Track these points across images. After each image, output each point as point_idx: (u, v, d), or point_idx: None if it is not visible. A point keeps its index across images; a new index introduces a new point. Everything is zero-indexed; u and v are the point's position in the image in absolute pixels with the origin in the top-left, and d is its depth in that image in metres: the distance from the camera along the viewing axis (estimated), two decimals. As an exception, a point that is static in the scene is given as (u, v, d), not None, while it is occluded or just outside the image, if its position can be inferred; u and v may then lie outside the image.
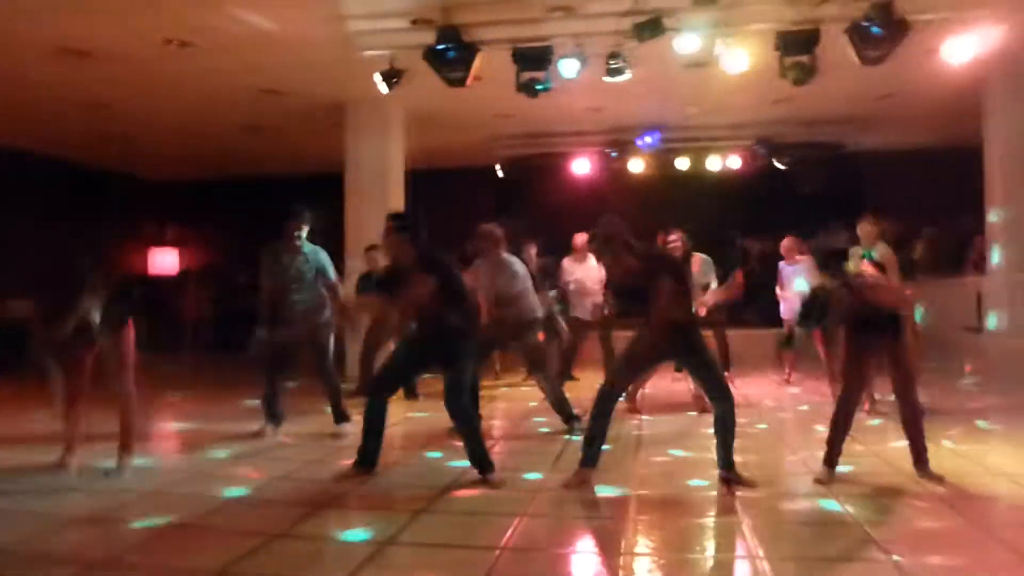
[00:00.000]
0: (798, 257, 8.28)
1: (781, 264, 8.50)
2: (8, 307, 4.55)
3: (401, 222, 4.76)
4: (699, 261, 8.54)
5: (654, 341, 4.40)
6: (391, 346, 6.64)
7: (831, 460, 4.46)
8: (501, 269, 6.05)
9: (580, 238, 8.23)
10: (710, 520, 3.85)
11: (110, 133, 11.31)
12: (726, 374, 8.72)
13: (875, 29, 6.36)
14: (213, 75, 8.70)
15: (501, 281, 6.00)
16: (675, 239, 7.19)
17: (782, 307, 8.54)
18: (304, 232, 6.03)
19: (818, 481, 4.37)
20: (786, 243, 8.39)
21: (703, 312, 7.20)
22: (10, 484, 4.48)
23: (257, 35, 7.39)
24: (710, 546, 3.50)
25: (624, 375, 4.63)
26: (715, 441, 4.39)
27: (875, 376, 5.50)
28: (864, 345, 4.48)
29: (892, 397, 4.56)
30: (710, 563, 3.30)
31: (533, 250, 8.55)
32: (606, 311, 8.23)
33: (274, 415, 6.02)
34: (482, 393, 6.35)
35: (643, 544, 3.49)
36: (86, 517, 3.88)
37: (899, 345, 4.39)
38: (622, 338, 5.94)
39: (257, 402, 6.14)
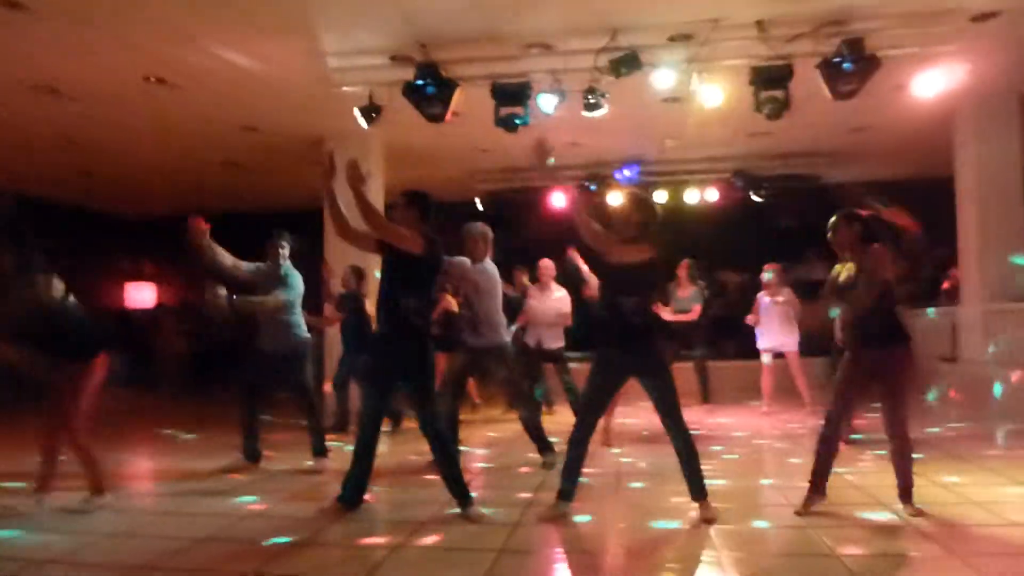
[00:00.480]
0: (779, 289, 8.38)
1: (760, 295, 8.59)
2: None
3: (412, 198, 4.68)
4: (690, 288, 8.65)
5: (607, 348, 4.37)
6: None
7: (815, 488, 4.44)
8: (479, 274, 5.84)
9: (544, 263, 8.12)
10: (689, 552, 3.81)
11: (85, 170, 11.29)
12: (706, 405, 8.83)
13: (846, 65, 6.49)
14: (190, 112, 8.72)
15: (482, 283, 5.81)
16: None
17: (759, 338, 8.62)
18: (286, 251, 6.07)
19: (799, 512, 4.36)
20: (767, 274, 8.51)
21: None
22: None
23: (235, 72, 7.43)
24: (689, 579, 3.47)
25: (589, 402, 4.51)
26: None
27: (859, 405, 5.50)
28: (862, 367, 4.37)
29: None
30: (689, 596, 3.28)
31: (524, 277, 8.46)
32: None
33: (251, 450, 5.96)
34: (461, 424, 6.31)
35: (622, 578, 3.46)
36: (49, 558, 3.78)
37: (898, 374, 4.32)
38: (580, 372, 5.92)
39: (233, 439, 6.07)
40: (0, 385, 10.16)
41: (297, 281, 6.13)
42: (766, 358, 8.63)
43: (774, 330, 8.46)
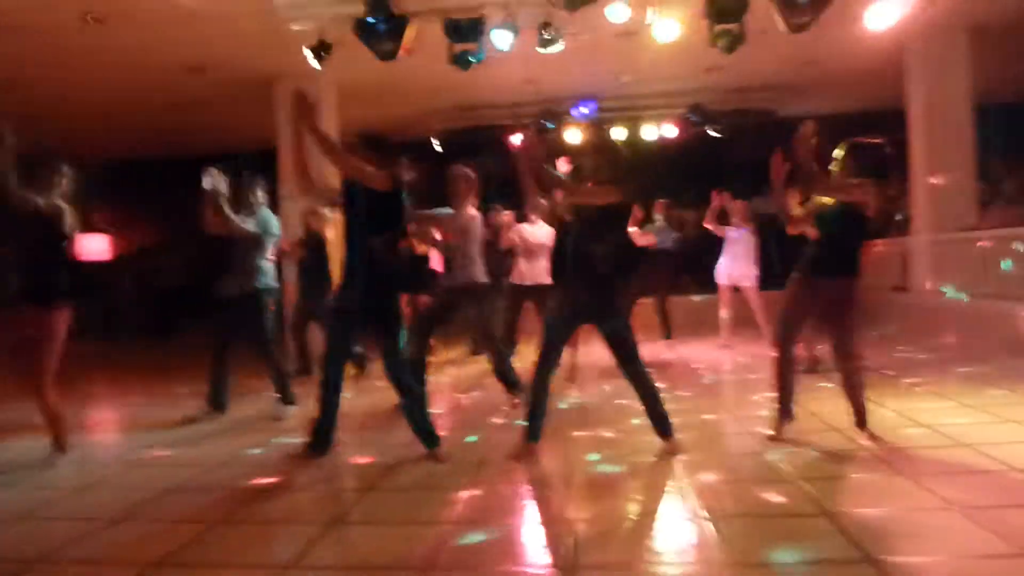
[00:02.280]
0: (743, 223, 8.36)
1: (730, 229, 8.52)
2: None
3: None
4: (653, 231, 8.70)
5: (569, 292, 4.38)
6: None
7: (783, 412, 4.56)
8: (472, 221, 5.76)
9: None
10: (654, 484, 3.92)
11: (21, 113, 10.81)
12: (668, 340, 8.95)
13: (801, -3, 6.48)
14: (133, 52, 8.40)
15: (471, 235, 5.73)
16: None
17: (719, 271, 8.63)
18: (260, 197, 5.93)
19: (771, 437, 4.49)
20: (738, 207, 8.45)
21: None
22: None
23: (177, 9, 7.14)
24: (655, 509, 3.57)
25: (549, 342, 4.45)
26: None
27: (813, 332, 5.60)
28: (810, 289, 4.45)
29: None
30: (655, 525, 3.36)
31: (504, 215, 8.14)
32: None
33: (218, 400, 5.90)
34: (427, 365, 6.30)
35: (588, 511, 3.54)
36: (16, 514, 3.75)
37: (844, 305, 4.40)
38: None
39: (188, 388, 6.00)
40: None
41: (273, 224, 5.97)
42: (724, 291, 8.69)
43: (734, 263, 8.48)
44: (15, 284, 4.49)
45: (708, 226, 8.57)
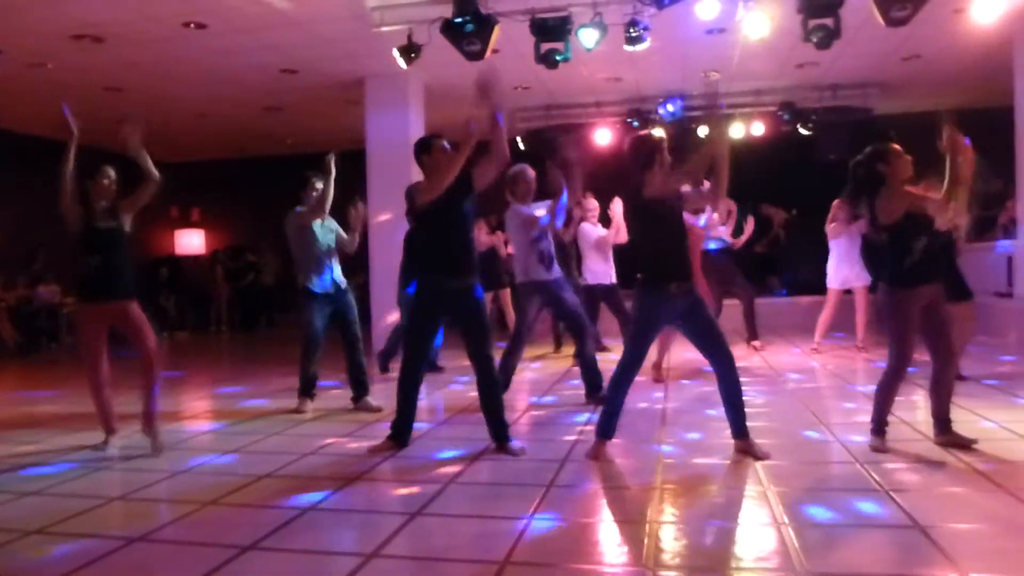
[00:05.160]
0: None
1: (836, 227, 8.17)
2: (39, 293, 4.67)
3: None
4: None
5: (647, 298, 4.32)
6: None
7: (884, 424, 4.39)
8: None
9: (588, 202, 7.66)
10: (734, 489, 3.84)
11: (127, 117, 11.39)
12: (755, 343, 8.73)
13: (900, -11, 6.24)
14: (230, 57, 8.73)
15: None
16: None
17: (833, 274, 8.24)
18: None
19: (874, 448, 4.33)
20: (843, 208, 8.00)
21: None
22: (46, 465, 4.61)
23: (272, 14, 7.40)
24: (735, 514, 3.49)
25: (636, 341, 4.43)
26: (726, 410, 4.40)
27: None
28: (914, 300, 4.24)
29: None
30: (735, 530, 3.30)
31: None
32: None
33: (307, 385, 6.07)
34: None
35: (668, 512, 3.50)
36: (119, 495, 3.96)
37: (943, 302, 4.32)
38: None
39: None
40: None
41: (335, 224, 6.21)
42: (834, 295, 8.31)
43: (848, 265, 8.08)
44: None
45: (830, 231, 8.18)
